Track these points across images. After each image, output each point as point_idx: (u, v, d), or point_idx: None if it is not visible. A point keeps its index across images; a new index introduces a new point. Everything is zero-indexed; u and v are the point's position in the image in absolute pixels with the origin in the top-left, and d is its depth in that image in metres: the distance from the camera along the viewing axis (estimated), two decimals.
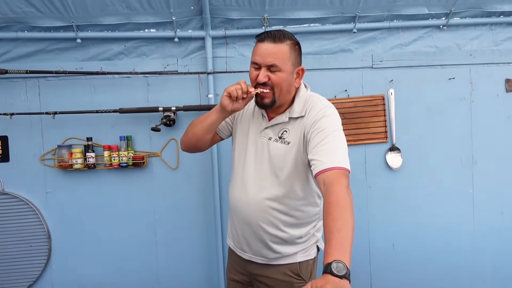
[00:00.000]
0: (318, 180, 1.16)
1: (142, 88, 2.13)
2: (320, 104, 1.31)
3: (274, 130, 1.36)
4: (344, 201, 1.05)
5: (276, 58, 1.25)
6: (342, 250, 0.93)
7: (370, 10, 2.08)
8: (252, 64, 1.30)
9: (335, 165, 1.14)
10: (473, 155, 2.24)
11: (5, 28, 2.00)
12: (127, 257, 2.18)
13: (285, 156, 1.31)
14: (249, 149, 1.39)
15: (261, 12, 2.02)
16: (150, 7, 1.94)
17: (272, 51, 1.24)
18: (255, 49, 1.29)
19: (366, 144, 2.20)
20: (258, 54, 1.27)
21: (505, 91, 2.25)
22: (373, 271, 2.25)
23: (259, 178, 1.34)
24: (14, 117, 2.04)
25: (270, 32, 1.27)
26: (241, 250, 1.46)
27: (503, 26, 2.23)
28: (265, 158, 1.34)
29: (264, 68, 1.26)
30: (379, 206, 2.23)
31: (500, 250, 2.28)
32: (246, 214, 1.36)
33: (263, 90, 1.28)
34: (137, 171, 2.15)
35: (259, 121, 1.40)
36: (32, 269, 2.15)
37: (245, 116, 1.47)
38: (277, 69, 1.25)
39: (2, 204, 2.11)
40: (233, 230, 1.48)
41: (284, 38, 1.26)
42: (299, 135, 1.30)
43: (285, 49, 1.26)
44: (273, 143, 1.34)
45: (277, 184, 1.32)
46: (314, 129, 1.25)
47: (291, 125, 1.33)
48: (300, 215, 1.36)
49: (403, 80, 2.20)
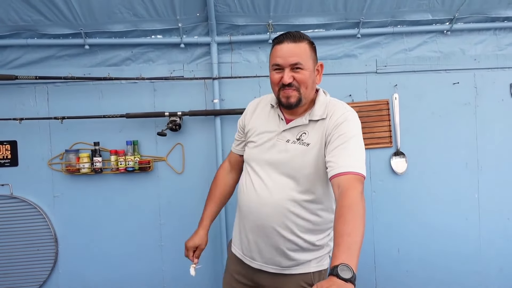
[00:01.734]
0: (333, 183, 1.15)
1: (149, 93, 2.16)
2: (343, 108, 1.30)
3: (292, 133, 1.32)
4: (357, 206, 1.04)
5: (299, 57, 1.24)
6: (350, 254, 0.93)
7: (374, 16, 2.10)
8: (273, 67, 1.28)
9: (351, 169, 1.13)
10: (478, 160, 2.24)
11: (15, 35, 2.04)
12: (133, 261, 2.19)
13: (304, 157, 1.27)
14: (265, 152, 1.34)
15: (266, 18, 2.05)
16: (157, 14, 1.97)
17: (294, 50, 1.24)
18: (274, 52, 1.27)
19: (371, 149, 2.21)
20: (280, 56, 1.25)
21: (510, 96, 2.25)
22: (378, 276, 2.25)
23: (276, 180, 1.30)
24: (23, 122, 2.08)
25: (288, 32, 1.26)
26: (250, 258, 1.38)
27: (507, 31, 2.24)
28: (283, 160, 1.29)
29: (288, 69, 1.24)
30: (384, 211, 2.23)
31: (506, 256, 2.26)
32: (260, 217, 1.31)
33: (195, 266, 1.48)
34: (143, 176, 2.17)
35: (276, 124, 1.36)
36: (39, 272, 2.17)
37: (257, 120, 1.43)
38: (301, 67, 1.24)
39: (10, 208, 2.14)
40: (242, 236, 1.41)
41: (303, 37, 1.26)
42: (320, 137, 1.27)
43: (306, 47, 1.26)
44: (291, 145, 1.30)
45: (295, 186, 1.28)
46: (335, 132, 1.23)
47: (311, 127, 1.30)
48: (316, 220, 1.32)
49: (407, 85, 2.21)
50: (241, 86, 2.16)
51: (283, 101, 1.29)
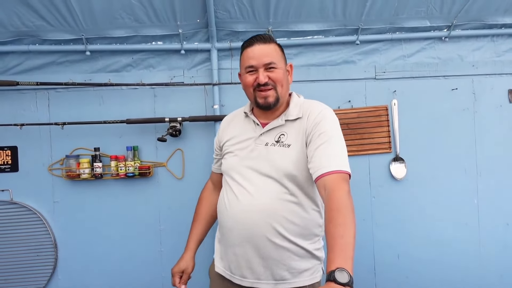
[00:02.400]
0: (318, 184, 1.14)
1: (149, 99, 2.17)
2: (320, 106, 1.30)
3: (270, 135, 1.29)
4: (346, 207, 1.04)
5: (272, 56, 1.26)
6: (345, 257, 0.93)
7: (373, 23, 2.12)
8: (247, 69, 1.28)
9: (335, 168, 1.13)
10: (477, 166, 2.24)
11: (17, 41, 2.05)
12: (133, 267, 2.19)
13: (286, 159, 1.24)
14: (244, 158, 1.30)
15: (266, 24, 2.07)
16: (158, 20, 1.99)
17: (266, 50, 1.26)
18: (246, 54, 1.28)
19: (370, 155, 2.21)
20: (252, 57, 1.26)
21: (508, 102, 2.26)
22: (378, 282, 2.24)
23: (259, 184, 1.25)
24: (24, 128, 2.08)
25: (257, 35, 1.28)
26: (241, 276, 1.29)
27: (505, 37, 2.26)
28: (264, 164, 1.26)
29: (262, 69, 1.25)
30: (383, 217, 2.23)
31: (506, 261, 2.26)
32: (247, 227, 1.24)
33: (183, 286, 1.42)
34: (143, 181, 2.17)
35: (252, 130, 1.34)
36: (39, 278, 2.16)
37: (232, 131, 1.40)
38: (274, 66, 1.26)
39: (10, 213, 2.14)
40: (229, 253, 1.32)
41: (271, 39, 1.29)
42: (300, 137, 1.25)
43: (276, 47, 1.29)
44: (271, 147, 1.27)
45: (278, 188, 1.24)
46: (315, 130, 1.22)
47: (288, 128, 1.28)
48: (305, 223, 1.27)
49: (406, 91, 2.23)
50: (241, 92, 2.11)
51: (261, 102, 1.28)
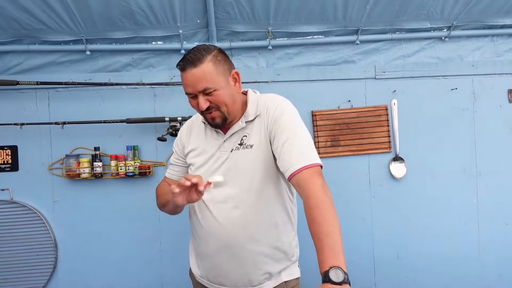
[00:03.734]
0: (293, 182, 1.12)
1: (149, 98, 2.18)
2: (276, 100, 1.25)
3: (233, 141, 1.26)
4: (323, 203, 1.02)
5: (205, 81, 1.15)
6: (335, 255, 0.92)
7: (373, 24, 2.12)
8: (187, 95, 1.21)
9: (305, 163, 1.09)
10: (477, 165, 2.25)
11: (17, 41, 2.05)
12: (133, 266, 2.19)
13: (251, 160, 1.22)
14: (211, 169, 1.26)
15: (266, 25, 2.07)
16: (157, 23, 1.99)
17: (198, 75, 1.14)
18: (182, 79, 1.19)
19: (370, 154, 2.22)
20: (187, 85, 1.17)
21: (507, 102, 2.27)
22: (378, 281, 2.25)
23: (231, 195, 1.23)
24: (24, 127, 2.08)
25: (188, 58, 1.15)
26: (219, 284, 1.28)
27: (505, 37, 2.26)
28: (232, 171, 1.23)
29: (200, 95, 1.17)
30: (383, 216, 2.24)
31: (505, 261, 2.27)
32: (223, 240, 1.23)
33: (211, 182, 1.17)
34: (143, 181, 2.18)
35: (214, 138, 1.30)
36: (39, 277, 2.16)
37: (194, 141, 1.35)
38: (211, 90, 1.16)
39: (10, 213, 2.14)
40: (204, 263, 1.31)
41: (203, 57, 1.15)
42: (262, 135, 1.22)
43: (209, 66, 1.15)
44: (235, 153, 1.24)
45: (251, 193, 1.22)
46: (276, 126, 1.18)
47: (249, 129, 1.25)
48: (277, 221, 1.27)
49: (406, 91, 2.23)
50: None
51: (210, 122, 1.24)
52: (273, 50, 2.19)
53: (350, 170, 2.21)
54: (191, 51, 1.17)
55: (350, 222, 2.21)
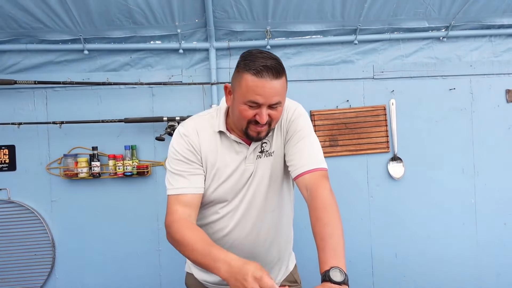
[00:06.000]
0: (299, 182, 1.14)
1: (147, 98, 2.17)
2: (293, 104, 1.26)
3: (256, 151, 1.21)
4: (331, 206, 1.05)
5: (281, 96, 1.07)
6: (337, 256, 0.94)
7: (371, 24, 2.12)
8: (248, 102, 1.06)
9: (315, 166, 1.13)
10: (475, 165, 2.25)
11: (15, 40, 2.05)
12: (131, 266, 2.19)
13: (275, 167, 1.22)
14: (240, 183, 1.20)
15: (264, 25, 2.07)
16: (156, 22, 1.99)
17: (276, 88, 1.05)
18: (253, 87, 1.04)
19: (368, 154, 2.22)
20: (261, 94, 1.04)
21: (505, 102, 2.27)
22: (376, 281, 2.25)
23: (260, 209, 1.22)
24: (22, 127, 2.08)
25: (268, 65, 1.03)
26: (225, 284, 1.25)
27: (503, 37, 2.27)
28: (260, 182, 1.21)
29: (265, 107, 1.07)
30: (381, 216, 2.24)
31: (503, 260, 2.27)
32: (246, 249, 1.23)
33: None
34: (141, 180, 2.17)
35: (236, 151, 1.20)
36: (36, 277, 2.16)
37: (208, 150, 1.18)
38: (279, 105, 1.10)
39: (8, 212, 2.14)
40: None
41: (283, 69, 1.06)
42: (279, 139, 1.23)
43: (284, 80, 1.08)
44: (259, 161, 1.21)
45: (274, 199, 1.24)
46: (291, 128, 1.21)
47: (270, 136, 1.22)
48: (289, 221, 1.35)
49: (404, 91, 2.23)
50: None
51: (253, 135, 1.13)
52: (272, 49, 2.19)
53: (349, 170, 2.22)
54: (268, 58, 1.05)
55: (348, 222, 2.21)
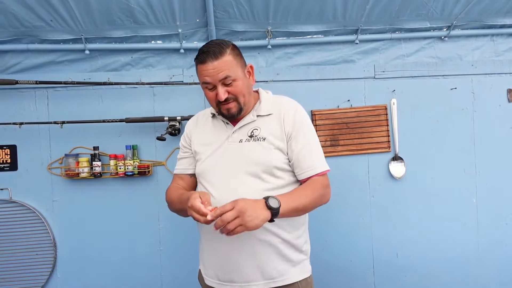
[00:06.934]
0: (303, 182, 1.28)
1: (148, 98, 2.17)
2: (293, 104, 1.34)
3: (242, 132, 1.29)
4: (318, 190, 1.22)
5: (227, 70, 1.20)
6: (288, 199, 1.12)
7: (372, 24, 2.11)
8: (204, 85, 1.25)
9: (321, 170, 1.26)
10: (476, 165, 2.25)
11: (16, 40, 2.05)
12: (132, 266, 2.19)
13: (262, 152, 1.25)
14: (220, 158, 1.28)
15: (265, 25, 2.06)
16: (157, 21, 1.98)
17: (219, 66, 1.19)
18: (200, 71, 1.23)
19: (369, 154, 2.22)
20: (206, 75, 1.21)
21: (507, 101, 2.27)
22: (377, 281, 2.24)
23: (239, 186, 1.22)
24: (23, 127, 2.08)
25: (208, 51, 1.20)
26: (230, 282, 1.25)
27: (504, 37, 2.26)
28: (241, 162, 1.24)
29: (219, 86, 1.21)
30: (382, 216, 2.23)
31: (505, 261, 2.27)
32: None
33: (215, 207, 1.10)
34: (143, 180, 2.18)
35: (223, 129, 1.33)
36: (38, 277, 2.16)
37: (201, 134, 1.37)
38: (231, 80, 1.21)
39: (9, 212, 2.14)
40: (214, 260, 1.28)
41: (223, 50, 1.21)
42: (278, 132, 1.26)
43: (229, 58, 1.21)
44: (245, 143, 1.27)
45: (260, 185, 1.23)
46: (296, 129, 1.27)
47: (261, 123, 1.29)
48: None
49: (405, 90, 2.23)
50: None
51: (225, 113, 1.27)
52: (273, 49, 2.19)
53: (350, 170, 2.21)
54: (209, 45, 1.22)
55: (349, 222, 2.21)
